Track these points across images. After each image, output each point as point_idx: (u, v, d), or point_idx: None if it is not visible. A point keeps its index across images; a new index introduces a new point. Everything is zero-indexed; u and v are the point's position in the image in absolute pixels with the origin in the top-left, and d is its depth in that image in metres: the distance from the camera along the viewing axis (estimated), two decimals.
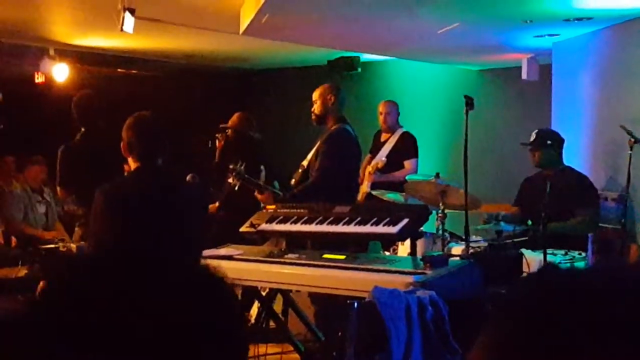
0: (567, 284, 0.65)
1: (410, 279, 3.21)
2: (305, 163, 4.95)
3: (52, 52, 8.06)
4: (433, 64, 8.63)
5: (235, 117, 6.17)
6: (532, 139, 5.33)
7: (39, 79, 8.10)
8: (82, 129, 5.30)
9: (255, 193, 4.78)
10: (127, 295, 0.73)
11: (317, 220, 4.05)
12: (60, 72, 8.02)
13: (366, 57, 8.51)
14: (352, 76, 8.60)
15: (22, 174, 6.60)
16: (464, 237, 4.53)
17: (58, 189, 5.34)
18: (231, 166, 4.71)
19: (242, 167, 4.72)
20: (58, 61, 8.03)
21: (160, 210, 3.41)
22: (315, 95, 4.96)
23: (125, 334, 0.70)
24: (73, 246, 5.02)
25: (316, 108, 4.92)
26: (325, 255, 3.69)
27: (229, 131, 5.94)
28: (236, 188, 4.72)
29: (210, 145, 6.25)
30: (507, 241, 4.73)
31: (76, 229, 5.41)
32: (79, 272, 0.77)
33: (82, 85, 7.89)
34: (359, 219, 3.93)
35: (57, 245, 5.17)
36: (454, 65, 8.64)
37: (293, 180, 5.00)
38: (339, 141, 4.78)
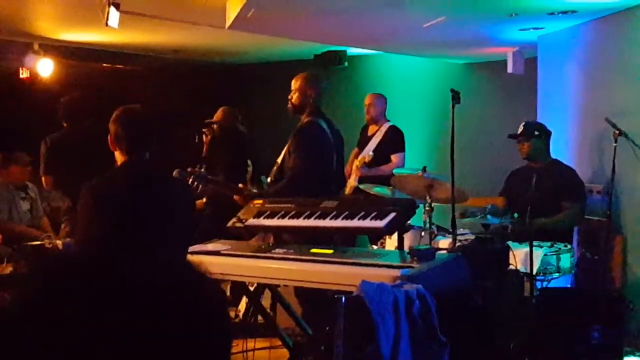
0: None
1: (397, 272, 3.21)
2: (279, 159, 4.89)
3: (36, 47, 8.00)
4: (419, 57, 8.64)
5: (220, 111, 6.15)
6: (519, 130, 5.36)
7: (23, 74, 8.04)
8: (65, 125, 5.31)
9: (234, 196, 4.73)
10: (108, 294, 0.73)
11: (305, 215, 4.05)
12: (45, 67, 7.97)
13: (353, 51, 8.51)
14: (338, 70, 8.59)
15: (5, 170, 6.55)
16: (451, 230, 4.55)
17: (43, 178, 5.33)
18: (189, 169, 4.62)
19: (203, 170, 4.66)
20: (43, 56, 7.97)
21: (147, 206, 3.40)
22: (295, 84, 4.83)
23: (103, 332, 0.70)
24: (59, 242, 5.00)
25: (294, 98, 4.80)
26: (313, 250, 3.69)
27: (215, 126, 5.93)
28: (198, 191, 4.67)
29: (197, 140, 6.24)
30: (494, 234, 4.76)
31: (62, 225, 5.39)
32: (62, 271, 0.77)
33: (67, 80, 7.85)
34: (346, 213, 3.93)
35: (42, 242, 5.15)
36: (440, 59, 8.66)
37: (269, 178, 4.96)
38: (307, 137, 4.67)
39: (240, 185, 4.83)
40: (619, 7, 5.49)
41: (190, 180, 4.58)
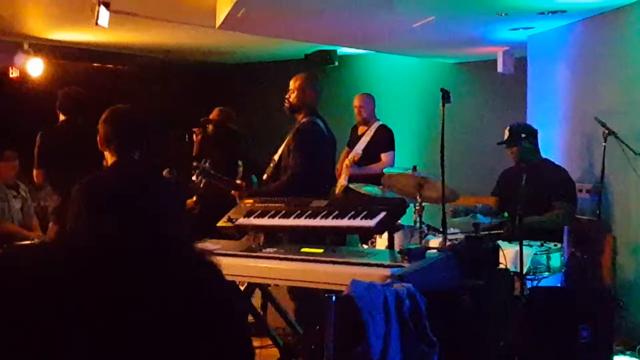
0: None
1: (387, 271, 3.22)
2: (276, 157, 4.91)
3: (26, 46, 7.97)
4: (409, 57, 8.66)
5: (216, 111, 6.15)
6: (506, 136, 5.34)
7: (13, 74, 8.01)
8: (63, 117, 5.29)
9: (232, 191, 4.77)
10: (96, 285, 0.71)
11: (295, 214, 4.05)
12: (34, 67, 7.94)
13: (343, 50, 8.51)
14: (329, 70, 8.59)
15: None
16: (441, 230, 4.55)
17: (35, 172, 5.30)
18: (194, 163, 4.67)
19: (207, 164, 4.69)
20: (32, 56, 7.94)
21: (137, 205, 3.40)
22: (294, 84, 4.83)
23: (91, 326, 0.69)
24: None
25: (292, 97, 4.81)
26: (303, 249, 3.69)
27: (210, 125, 5.92)
28: (201, 185, 4.70)
29: (187, 140, 6.23)
30: (484, 233, 4.76)
31: (50, 224, 5.37)
32: (49, 260, 0.75)
33: (57, 80, 7.82)
34: (336, 212, 3.94)
35: (33, 242, 5.13)
36: (430, 58, 8.67)
37: (265, 175, 4.97)
38: (308, 136, 4.70)
39: (238, 181, 4.88)
40: (608, 6, 5.51)
41: (195, 174, 4.63)
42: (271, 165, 4.93)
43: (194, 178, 4.73)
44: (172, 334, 0.71)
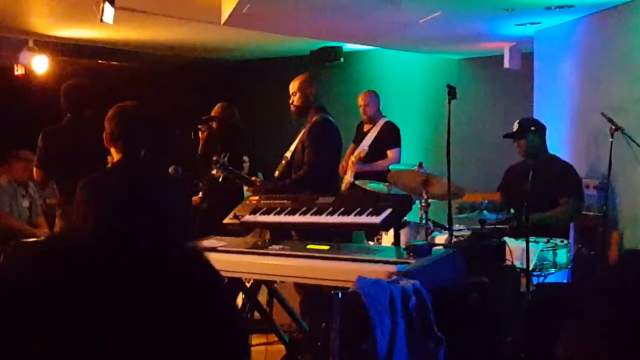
0: None
1: (393, 268, 3.21)
2: (288, 155, 4.95)
3: (31, 43, 7.98)
4: (415, 53, 8.64)
5: (218, 107, 6.15)
6: (515, 129, 5.34)
7: (18, 71, 8.02)
8: (68, 115, 5.28)
9: (245, 188, 4.81)
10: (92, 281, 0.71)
11: (301, 211, 4.05)
12: (40, 64, 7.95)
13: (349, 46, 8.50)
14: (334, 66, 8.58)
15: (8, 166, 6.54)
16: (447, 226, 4.55)
17: (35, 170, 5.30)
18: (215, 157, 4.73)
19: (226, 159, 4.73)
20: (38, 53, 7.95)
21: (143, 202, 3.40)
22: (294, 87, 4.90)
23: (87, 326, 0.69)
24: None
25: (296, 100, 4.88)
26: (309, 246, 3.69)
27: (213, 122, 5.92)
28: (220, 180, 4.75)
29: (193, 137, 6.23)
30: (490, 229, 4.76)
31: (56, 220, 5.38)
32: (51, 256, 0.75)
33: (62, 77, 7.83)
34: (342, 209, 3.94)
35: (39, 239, 5.13)
36: (436, 54, 8.65)
37: (277, 173, 4.99)
38: (324, 132, 4.78)
39: (253, 178, 4.94)
40: (615, 1, 5.48)
41: (215, 168, 4.70)
42: (283, 162, 4.98)
43: (213, 172, 4.81)
44: (169, 332, 0.71)
